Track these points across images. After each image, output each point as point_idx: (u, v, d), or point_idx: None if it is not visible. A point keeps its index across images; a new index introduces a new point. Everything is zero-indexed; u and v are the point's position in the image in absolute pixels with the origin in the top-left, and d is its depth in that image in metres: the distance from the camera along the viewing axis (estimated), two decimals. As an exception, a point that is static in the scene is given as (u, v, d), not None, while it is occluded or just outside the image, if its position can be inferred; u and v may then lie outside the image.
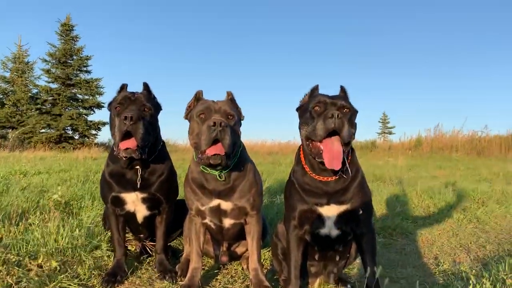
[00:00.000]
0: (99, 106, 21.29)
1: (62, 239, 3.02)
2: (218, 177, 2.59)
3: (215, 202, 2.67)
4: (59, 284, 2.55)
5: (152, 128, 2.76)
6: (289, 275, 2.47)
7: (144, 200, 2.88)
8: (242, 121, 2.72)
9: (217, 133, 2.31)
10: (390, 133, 40.36)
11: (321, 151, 2.18)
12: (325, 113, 2.15)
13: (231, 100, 2.69)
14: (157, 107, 2.90)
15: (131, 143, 2.58)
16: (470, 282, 2.27)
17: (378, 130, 41.54)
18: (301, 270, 2.57)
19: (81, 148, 18.18)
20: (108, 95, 21.74)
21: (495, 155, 16.32)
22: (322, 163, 2.22)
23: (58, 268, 2.78)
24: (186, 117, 2.66)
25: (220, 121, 2.32)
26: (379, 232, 4.32)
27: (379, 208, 5.47)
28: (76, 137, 20.53)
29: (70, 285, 2.55)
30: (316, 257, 2.62)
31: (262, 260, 2.90)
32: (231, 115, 2.50)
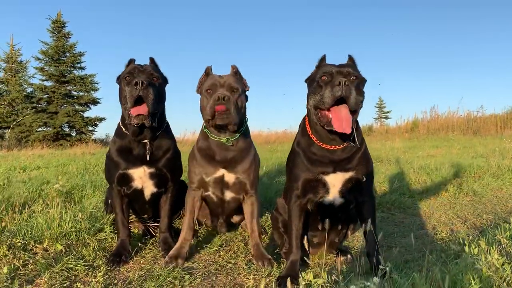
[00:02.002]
0: (94, 102, 21.24)
1: (66, 223, 3.07)
2: (226, 141, 2.76)
3: (220, 172, 2.82)
4: (65, 265, 2.60)
5: (161, 98, 2.86)
6: (290, 245, 2.53)
7: (151, 176, 2.93)
8: (247, 92, 2.91)
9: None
10: (387, 117, 40.32)
11: (330, 119, 2.22)
12: (332, 81, 2.19)
13: (235, 73, 2.87)
14: (164, 79, 2.98)
15: (142, 109, 2.67)
16: (466, 243, 2.32)
17: (375, 115, 41.50)
18: (301, 243, 2.63)
19: (78, 144, 18.16)
20: (103, 90, 21.67)
21: (491, 134, 16.40)
22: (331, 132, 2.27)
23: (64, 250, 2.84)
24: (198, 91, 2.87)
25: (224, 95, 2.57)
26: (378, 207, 4.39)
27: (377, 185, 5.53)
28: (73, 134, 20.51)
29: (76, 266, 2.60)
30: (319, 227, 2.68)
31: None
32: (235, 89, 2.71)
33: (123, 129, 2.91)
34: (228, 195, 2.92)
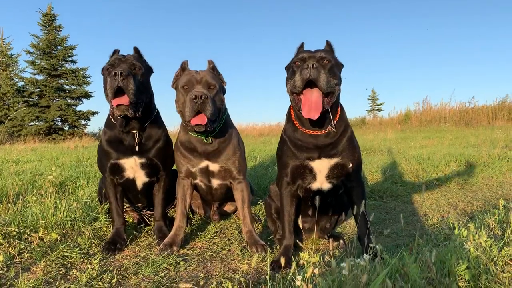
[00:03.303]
0: (87, 95, 21.14)
1: (60, 213, 3.09)
2: (204, 140, 2.80)
3: (204, 163, 2.88)
4: (61, 253, 2.62)
5: (144, 88, 2.83)
6: (283, 231, 2.56)
7: (142, 166, 2.95)
8: (225, 87, 2.90)
9: (198, 105, 2.54)
10: (380, 109, 40.36)
11: (301, 106, 2.26)
12: (302, 65, 2.24)
13: (212, 68, 2.86)
14: (148, 69, 2.96)
15: (123, 99, 2.66)
16: (456, 226, 2.37)
17: (368, 108, 41.58)
18: (295, 227, 2.67)
19: (71, 138, 18.10)
20: (95, 84, 21.59)
21: (483, 125, 16.54)
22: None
23: (59, 239, 2.86)
24: (173, 86, 2.86)
25: (201, 94, 2.53)
26: (370, 196, 4.44)
27: (369, 174, 5.59)
28: (66, 128, 20.45)
29: (71, 253, 2.63)
30: (310, 212, 2.71)
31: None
32: (213, 85, 2.70)
33: (112, 120, 2.91)
34: (215, 182, 2.98)
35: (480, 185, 5.11)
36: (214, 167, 2.89)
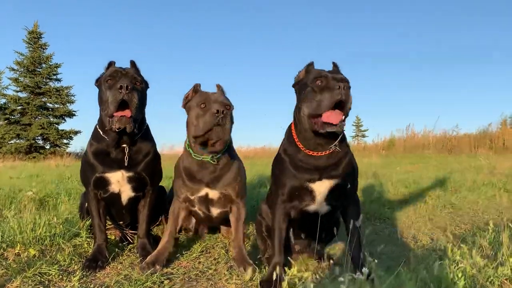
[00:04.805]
0: (70, 114, 20.92)
1: (40, 228, 2.96)
2: (210, 160, 2.68)
3: (204, 191, 2.79)
4: (39, 270, 2.49)
5: (143, 103, 2.76)
6: (274, 248, 2.47)
7: (129, 180, 2.84)
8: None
9: (219, 119, 2.46)
10: (364, 136, 41.02)
11: (321, 122, 2.18)
12: (330, 85, 2.14)
13: (222, 91, 2.81)
14: (146, 83, 2.88)
15: (126, 112, 2.57)
16: (448, 247, 2.33)
17: (352, 134, 42.14)
18: (285, 247, 2.58)
19: (52, 158, 17.75)
20: (79, 103, 21.35)
21: (465, 153, 16.78)
22: (318, 135, 2.23)
23: (37, 255, 2.73)
24: (183, 107, 2.76)
25: (223, 109, 2.47)
26: (358, 218, 4.39)
27: (356, 196, 5.56)
28: (47, 147, 20.11)
29: (50, 270, 2.50)
30: (303, 235, 2.63)
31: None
32: (228, 105, 2.63)
33: (101, 133, 2.80)
34: (215, 211, 2.92)
35: (466, 210, 5.11)
36: (213, 194, 2.80)
